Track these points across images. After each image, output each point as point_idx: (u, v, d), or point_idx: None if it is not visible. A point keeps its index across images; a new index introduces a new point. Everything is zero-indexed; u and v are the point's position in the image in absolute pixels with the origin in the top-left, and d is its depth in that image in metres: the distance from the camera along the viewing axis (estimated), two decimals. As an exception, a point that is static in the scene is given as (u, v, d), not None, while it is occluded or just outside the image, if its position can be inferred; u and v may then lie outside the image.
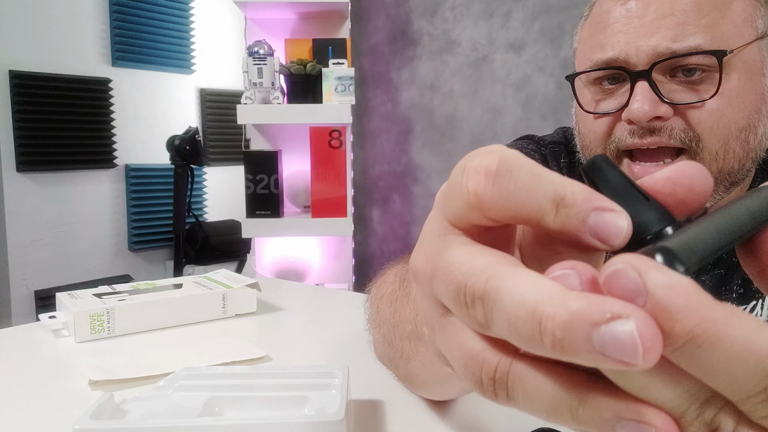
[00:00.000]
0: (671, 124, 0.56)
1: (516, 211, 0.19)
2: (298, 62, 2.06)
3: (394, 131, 2.70)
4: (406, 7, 2.60)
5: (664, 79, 0.56)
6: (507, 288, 0.17)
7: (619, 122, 0.59)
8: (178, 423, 0.38)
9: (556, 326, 0.16)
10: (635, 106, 0.55)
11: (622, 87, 0.59)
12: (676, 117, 0.56)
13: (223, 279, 0.82)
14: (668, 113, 0.56)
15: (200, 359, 0.59)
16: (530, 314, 0.16)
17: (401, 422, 0.47)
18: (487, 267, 0.18)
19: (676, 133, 0.56)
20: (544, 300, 0.16)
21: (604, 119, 0.61)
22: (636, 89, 0.56)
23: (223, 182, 3.34)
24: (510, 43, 2.37)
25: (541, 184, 0.19)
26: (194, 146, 2.55)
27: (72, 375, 0.57)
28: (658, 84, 0.56)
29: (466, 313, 0.19)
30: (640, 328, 0.15)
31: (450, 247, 0.20)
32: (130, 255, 3.01)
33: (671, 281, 0.15)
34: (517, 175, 0.19)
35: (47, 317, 0.70)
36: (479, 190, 0.19)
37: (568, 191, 0.18)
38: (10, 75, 2.51)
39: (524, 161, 0.19)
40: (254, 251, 2.25)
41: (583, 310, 0.15)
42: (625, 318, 0.15)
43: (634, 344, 0.15)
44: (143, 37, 2.95)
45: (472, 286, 0.18)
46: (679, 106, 0.56)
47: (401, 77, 2.65)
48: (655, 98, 0.55)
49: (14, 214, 2.57)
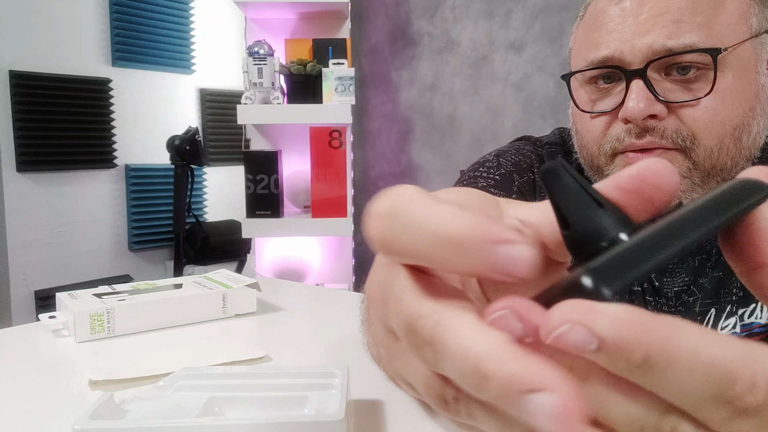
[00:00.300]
0: (664, 124, 0.56)
1: (414, 256, 0.18)
2: (298, 62, 2.06)
3: (394, 131, 2.70)
4: (406, 7, 2.60)
5: (659, 77, 0.56)
6: (452, 339, 0.17)
7: (615, 121, 0.59)
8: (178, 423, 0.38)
9: (497, 384, 0.16)
10: (630, 104, 0.56)
11: (618, 86, 0.59)
12: (670, 116, 0.56)
13: (223, 279, 0.82)
14: (663, 112, 0.56)
15: (200, 359, 0.59)
16: (475, 370, 0.17)
17: (401, 422, 0.47)
18: (434, 311, 0.18)
19: (668, 134, 0.56)
20: (486, 356, 0.16)
21: (600, 118, 0.61)
22: (631, 87, 0.56)
23: (223, 182, 3.34)
24: (510, 43, 2.37)
25: (428, 223, 0.18)
26: (194, 146, 2.55)
27: (72, 375, 0.57)
28: (653, 82, 0.56)
29: (417, 353, 0.19)
30: (561, 401, 0.15)
31: (399, 279, 0.19)
32: (130, 255, 3.01)
33: (615, 320, 0.16)
34: (402, 216, 0.18)
35: (47, 317, 0.70)
36: (374, 235, 0.19)
37: (458, 229, 0.17)
38: (10, 75, 2.51)
39: (414, 200, 0.18)
40: (254, 251, 2.25)
41: (518, 374, 0.16)
42: (549, 391, 0.15)
43: (555, 415, 0.15)
44: (143, 37, 2.95)
45: (421, 330, 0.18)
46: (674, 104, 0.56)
47: (401, 77, 2.65)
48: (651, 96, 0.55)
49: (14, 214, 2.57)
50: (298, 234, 2.09)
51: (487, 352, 0.16)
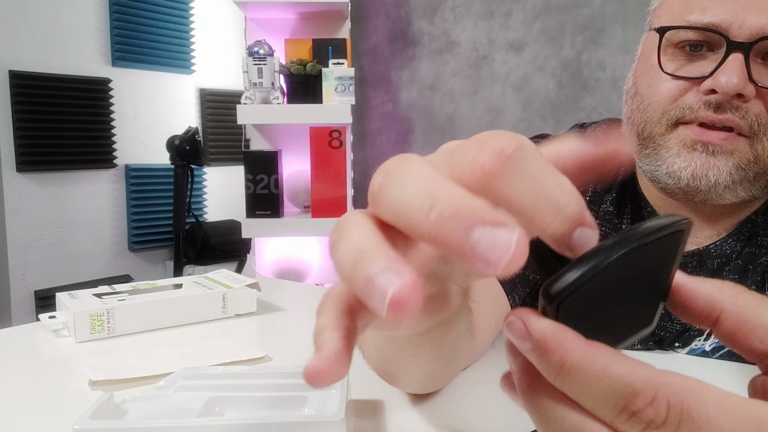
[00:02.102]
0: (748, 106, 0.54)
1: (517, 205, 0.19)
2: (298, 62, 2.06)
3: (394, 131, 2.70)
4: (406, 7, 2.60)
5: (755, 59, 0.54)
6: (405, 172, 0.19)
7: (693, 90, 0.56)
8: (178, 423, 0.38)
9: (448, 208, 0.18)
10: (725, 77, 0.53)
11: (707, 57, 0.56)
12: (755, 101, 0.54)
13: (223, 279, 0.82)
14: (751, 94, 0.53)
15: (200, 359, 0.59)
16: (428, 194, 0.18)
17: (401, 422, 0.47)
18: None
19: (749, 117, 0.54)
20: (445, 186, 0.18)
21: (675, 83, 0.57)
22: (729, 60, 0.53)
23: (223, 182, 3.34)
24: (510, 43, 2.37)
25: (549, 182, 0.19)
26: (194, 146, 2.55)
27: (72, 375, 0.57)
28: (752, 63, 0.53)
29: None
30: (518, 239, 0.17)
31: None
32: (130, 255, 3.01)
33: (543, 328, 0.20)
34: (527, 167, 0.19)
35: (47, 317, 0.70)
36: (488, 169, 0.20)
37: (573, 197, 0.19)
38: (10, 75, 2.51)
39: (538, 155, 0.20)
40: (254, 251, 2.25)
41: (483, 207, 0.17)
42: (512, 229, 0.17)
43: (508, 250, 0.17)
44: (143, 37, 2.95)
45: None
46: (764, 90, 0.54)
47: (401, 77, 2.65)
48: (746, 74, 0.53)
49: (14, 214, 2.57)
50: (298, 234, 2.09)
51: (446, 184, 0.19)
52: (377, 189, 0.20)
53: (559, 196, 0.19)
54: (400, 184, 0.19)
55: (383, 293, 0.17)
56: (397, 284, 0.17)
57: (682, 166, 0.57)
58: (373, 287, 0.17)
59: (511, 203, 0.19)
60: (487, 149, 0.20)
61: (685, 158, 0.57)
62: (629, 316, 0.23)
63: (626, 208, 0.68)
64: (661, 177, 0.59)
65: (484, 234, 0.17)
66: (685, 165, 0.56)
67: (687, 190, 0.58)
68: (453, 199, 0.18)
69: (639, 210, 0.68)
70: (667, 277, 0.24)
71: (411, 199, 0.19)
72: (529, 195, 0.19)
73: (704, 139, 0.55)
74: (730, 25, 0.54)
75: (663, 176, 0.59)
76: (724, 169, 0.55)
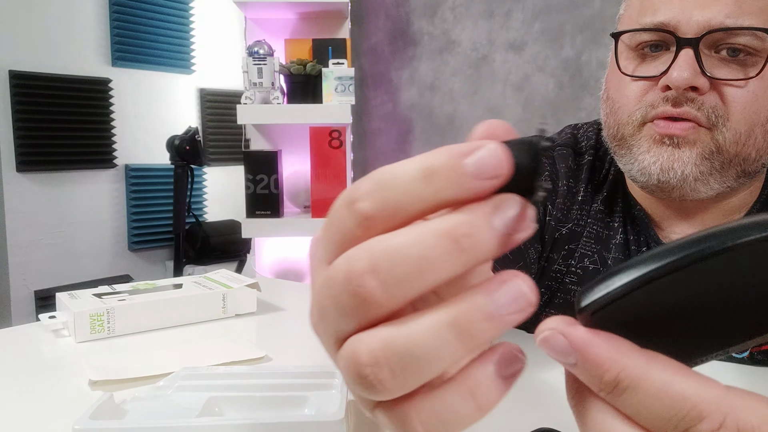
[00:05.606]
0: (703, 99, 0.56)
1: (398, 207, 0.19)
2: (298, 62, 2.06)
3: (394, 131, 2.70)
4: (406, 7, 2.60)
5: (709, 53, 0.56)
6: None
7: (653, 89, 0.59)
8: (178, 423, 0.38)
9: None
10: (676, 72, 0.55)
11: (664, 55, 0.59)
12: (710, 93, 0.56)
13: (223, 279, 0.82)
14: (705, 87, 0.55)
15: (200, 359, 0.59)
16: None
17: (401, 422, 0.47)
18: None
19: (705, 109, 0.56)
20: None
21: (637, 84, 0.60)
22: (680, 56, 0.55)
23: (223, 182, 3.34)
24: (510, 43, 2.37)
25: (404, 170, 0.19)
26: (194, 146, 2.55)
27: (72, 375, 0.57)
28: (703, 56, 0.55)
29: None
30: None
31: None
32: (130, 255, 3.01)
33: (591, 340, 0.18)
34: (388, 182, 0.19)
35: (47, 317, 0.69)
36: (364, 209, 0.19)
37: (425, 160, 0.19)
38: (10, 75, 2.51)
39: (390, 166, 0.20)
40: (254, 251, 2.25)
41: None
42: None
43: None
44: (143, 37, 2.95)
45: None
46: (718, 81, 0.55)
47: (401, 77, 2.65)
48: (697, 68, 0.55)
49: (14, 214, 2.57)
50: (298, 234, 2.09)
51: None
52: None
53: (418, 163, 0.19)
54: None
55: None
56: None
57: (651, 161, 0.59)
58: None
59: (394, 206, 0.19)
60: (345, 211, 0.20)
61: (653, 153, 0.59)
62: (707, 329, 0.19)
63: (617, 207, 0.70)
64: (636, 175, 0.61)
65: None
66: (653, 160, 0.58)
67: (661, 186, 0.59)
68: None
69: (629, 209, 0.70)
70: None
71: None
72: (400, 193, 0.19)
73: (669, 132, 0.57)
74: (679, 22, 0.56)
75: (637, 174, 0.61)
76: (688, 160, 0.57)
